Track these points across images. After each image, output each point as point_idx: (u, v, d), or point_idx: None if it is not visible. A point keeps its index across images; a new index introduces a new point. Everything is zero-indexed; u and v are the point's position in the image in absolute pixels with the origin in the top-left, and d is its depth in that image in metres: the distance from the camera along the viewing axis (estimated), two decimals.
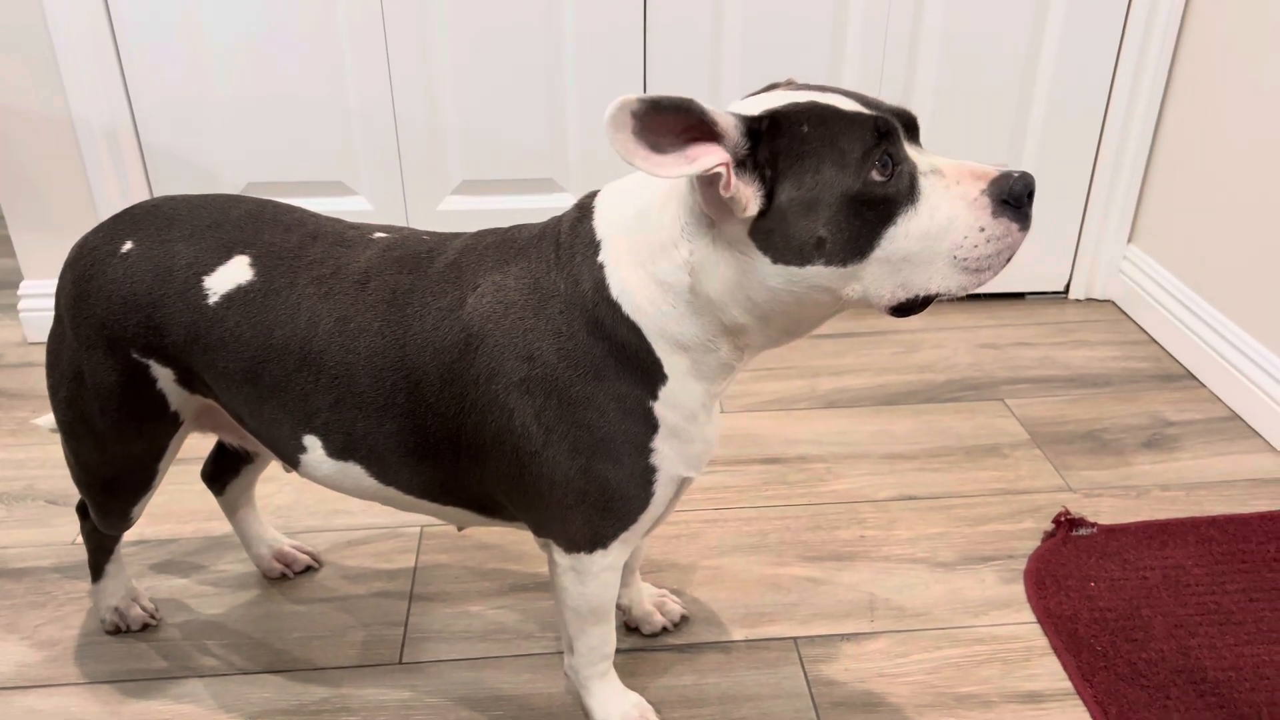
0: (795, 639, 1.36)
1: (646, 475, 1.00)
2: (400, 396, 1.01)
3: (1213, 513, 1.59)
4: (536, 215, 1.17)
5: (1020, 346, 2.10)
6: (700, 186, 0.87)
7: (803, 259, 0.86)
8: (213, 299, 1.05)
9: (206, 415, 1.19)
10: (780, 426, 1.83)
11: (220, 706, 1.26)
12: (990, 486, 1.66)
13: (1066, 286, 2.30)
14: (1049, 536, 1.54)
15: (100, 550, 1.32)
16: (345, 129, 2.02)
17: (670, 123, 0.81)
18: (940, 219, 0.86)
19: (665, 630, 1.37)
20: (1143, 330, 2.16)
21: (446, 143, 2.04)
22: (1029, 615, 1.40)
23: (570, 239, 0.97)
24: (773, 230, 0.86)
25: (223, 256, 1.06)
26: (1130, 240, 2.23)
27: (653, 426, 0.98)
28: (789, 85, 0.94)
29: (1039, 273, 2.28)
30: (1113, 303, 2.28)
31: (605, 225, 0.96)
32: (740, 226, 0.88)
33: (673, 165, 0.81)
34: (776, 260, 0.87)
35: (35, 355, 2.06)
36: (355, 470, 1.06)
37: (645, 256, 0.93)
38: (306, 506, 1.61)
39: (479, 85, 2.00)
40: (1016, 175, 0.86)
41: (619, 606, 1.35)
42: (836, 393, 1.94)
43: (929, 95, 2.07)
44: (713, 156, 0.82)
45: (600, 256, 0.95)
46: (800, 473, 1.70)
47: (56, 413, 1.18)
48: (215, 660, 1.33)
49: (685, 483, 1.06)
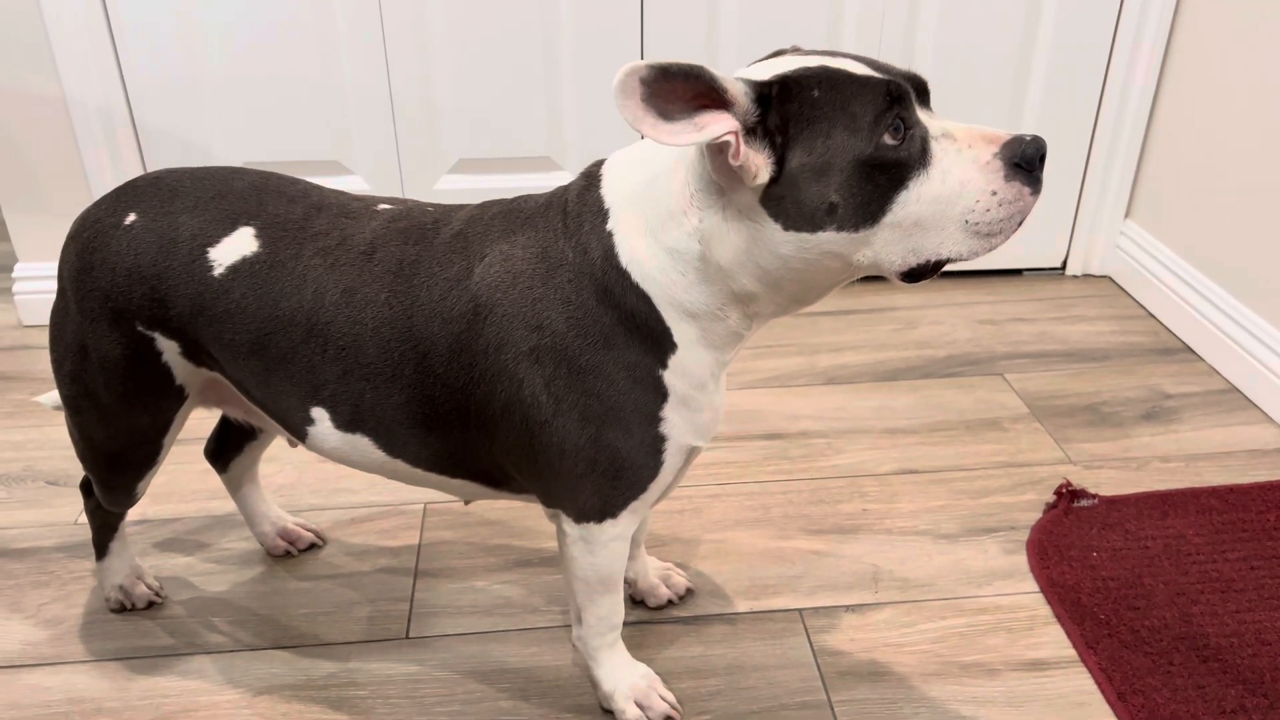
0: (800, 610, 1.37)
1: (656, 444, 1.00)
2: (408, 368, 1.01)
3: (1212, 483, 1.60)
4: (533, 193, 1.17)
5: (1018, 322, 2.11)
6: (710, 154, 0.87)
7: (814, 225, 0.86)
8: (218, 270, 1.04)
9: (212, 389, 1.19)
10: (780, 402, 1.83)
11: (228, 682, 1.26)
12: (991, 460, 1.67)
13: (1064, 262, 2.31)
14: (1050, 508, 1.55)
15: (105, 528, 1.32)
16: (341, 108, 2.00)
17: (679, 90, 0.81)
18: (952, 183, 0.86)
19: (671, 603, 1.37)
20: (1140, 305, 2.17)
21: (442, 121, 2.03)
22: (1032, 585, 1.40)
23: (578, 207, 0.97)
24: (784, 197, 0.86)
25: (227, 228, 1.05)
26: (1128, 216, 2.24)
27: (662, 395, 0.98)
28: (795, 51, 0.94)
29: (1036, 249, 2.28)
30: (1110, 278, 2.28)
31: (613, 193, 0.95)
32: (751, 194, 0.87)
33: (682, 133, 0.81)
34: (788, 227, 0.87)
35: (31, 338, 2.05)
36: (363, 442, 1.06)
37: (654, 225, 0.93)
38: (309, 485, 1.61)
39: (475, 63, 1.98)
40: (1029, 139, 0.86)
41: (625, 579, 1.35)
42: (836, 369, 1.94)
43: (926, 61, 2.06)
44: (722, 124, 0.82)
45: (609, 225, 0.94)
46: (801, 448, 1.70)
47: (60, 387, 1.17)
48: (222, 637, 1.33)
49: (694, 452, 1.06)
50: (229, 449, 1.39)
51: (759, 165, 0.84)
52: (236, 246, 1.04)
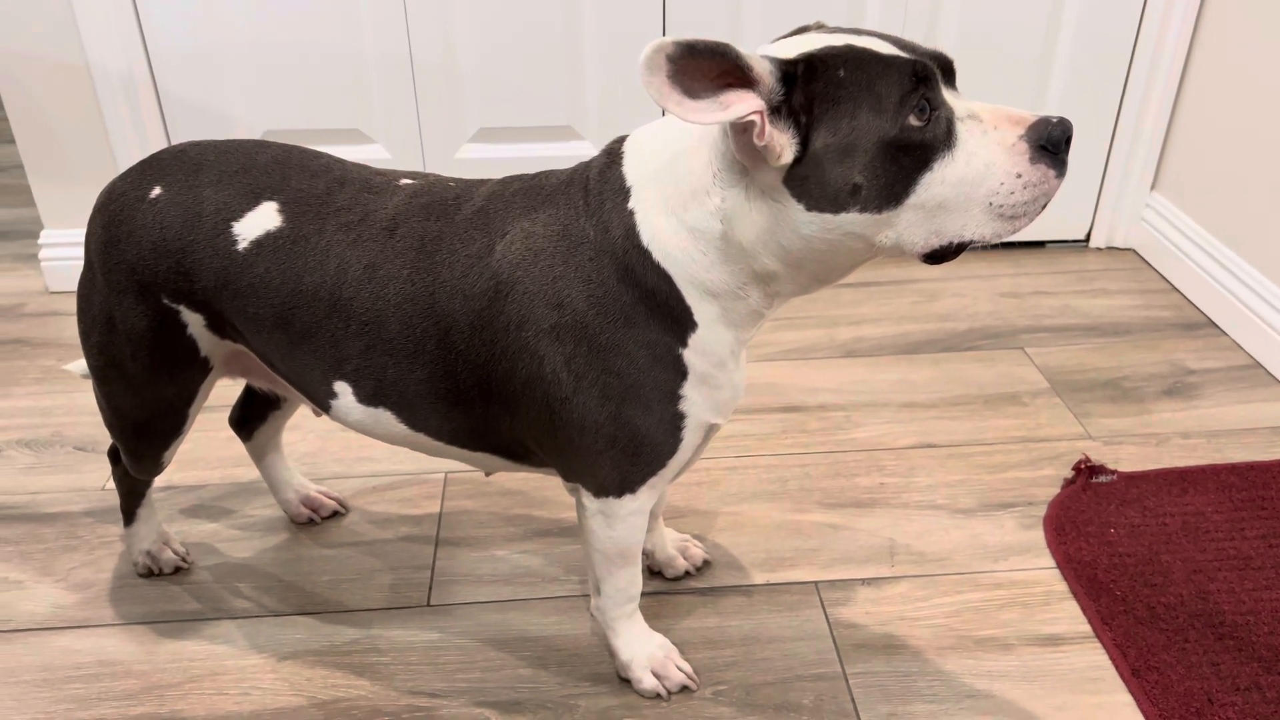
0: (816, 583, 1.38)
1: (675, 421, 1.00)
2: (430, 343, 1.01)
3: (1233, 460, 1.60)
4: (554, 163, 1.17)
5: (1041, 295, 2.10)
6: (734, 133, 0.87)
7: (837, 206, 0.86)
8: (242, 245, 1.05)
9: (236, 360, 1.20)
10: (799, 375, 1.84)
11: (253, 647, 1.29)
12: (1010, 434, 1.67)
13: (1088, 235, 2.29)
14: (1069, 484, 1.55)
15: (132, 495, 1.34)
16: (362, 76, 2.00)
17: (705, 67, 0.80)
18: (977, 165, 0.85)
19: (688, 574, 1.39)
20: (1164, 279, 2.15)
21: (464, 90, 2.03)
22: (1048, 560, 1.41)
23: (599, 185, 0.97)
24: (807, 177, 0.86)
25: (251, 202, 1.06)
26: (1153, 188, 2.21)
27: (682, 373, 0.98)
28: (819, 28, 0.93)
29: (1060, 221, 2.26)
30: (1134, 251, 2.26)
31: (635, 171, 0.95)
32: (774, 174, 0.87)
33: (706, 111, 0.81)
34: (811, 207, 0.87)
35: (58, 304, 2.07)
36: (386, 416, 1.07)
37: (676, 204, 0.93)
38: (332, 453, 1.63)
39: (496, 31, 1.97)
40: (1055, 121, 0.85)
41: (643, 551, 1.37)
42: (855, 341, 1.94)
43: (952, 36, 2.04)
44: (747, 104, 0.81)
45: (630, 203, 0.95)
46: (820, 421, 1.71)
47: (88, 358, 1.19)
48: (247, 602, 1.35)
49: (713, 429, 1.07)
50: (253, 418, 1.41)
51: (783, 145, 0.84)
52: (260, 221, 1.05)
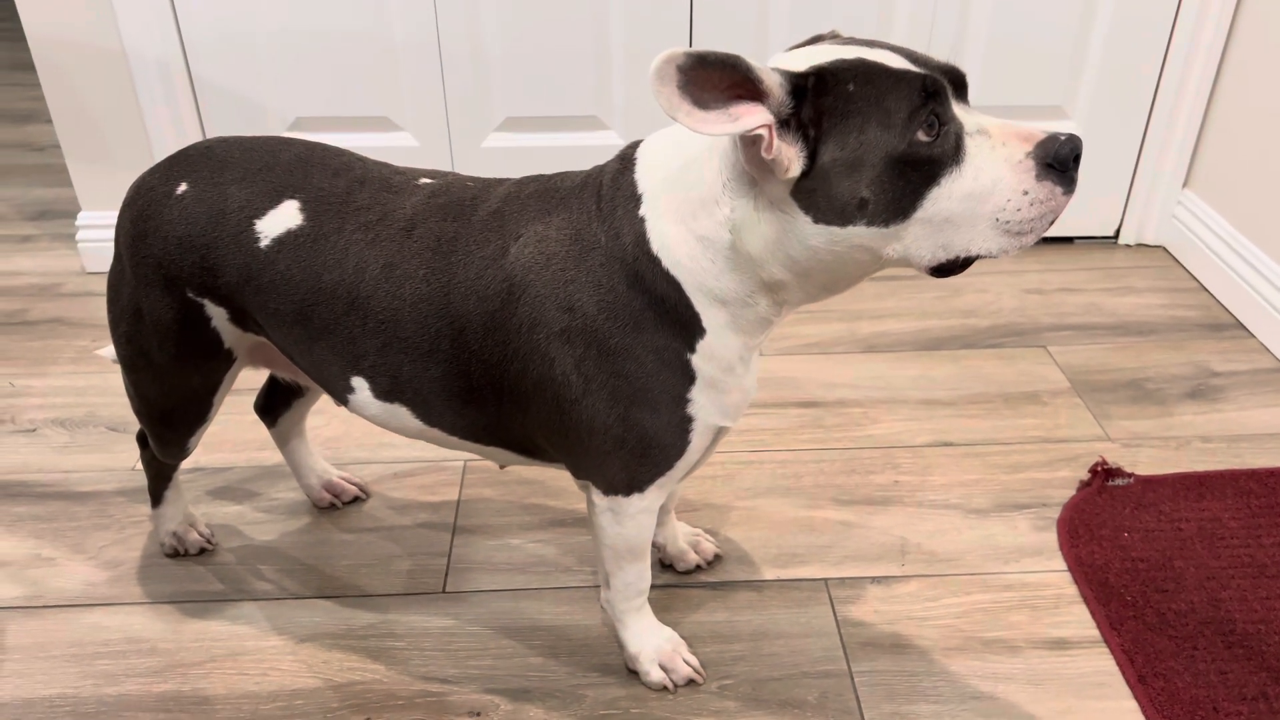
0: (826, 580, 1.39)
1: (683, 424, 1.02)
2: (444, 343, 1.03)
3: (1254, 465, 1.59)
4: (581, 153, 1.18)
5: (1066, 292, 2.08)
6: (743, 145, 0.87)
7: (844, 219, 0.87)
8: (264, 242, 1.07)
9: (259, 352, 1.23)
10: (819, 370, 1.84)
11: (274, 629, 1.32)
12: (1028, 434, 1.67)
13: (1117, 231, 2.26)
14: (1084, 486, 1.55)
15: (159, 478, 1.38)
16: (392, 65, 2.02)
17: (715, 79, 0.81)
18: (984, 181, 0.85)
19: (699, 568, 1.40)
20: (1193, 277, 2.12)
21: (491, 79, 2.04)
22: (1060, 563, 1.41)
23: (612, 191, 0.98)
24: (815, 190, 0.87)
25: (273, 200, 1.08)
26: (1185, 185, 2.18)
27: (690, 378, 1.00)
28: (834, 38, 0.94)
29: (1089, 216, 2.24)
30: (1164, 249, 2.24)
31: (647, 178, 0.96)
32: (782, 186, 0.88)
33: (716, 123, 0.81)
34: (818, 220, 0.88)
35: (94, 285, 2.12)
36: (401, 412, 1.10)
37: (686, 212, 0.94)
38: (355, 439, 1.66)
39: (524, 21, 1.98)
40: (1064, 138, 0.85)
41: (655, 544, 1.39)
42: (877, 336, 1.94)
43: (983, 26, 2.02)
44: (756, 117, 0.82)
45: (641, 210, 0.96)
46: (837, 416, 1.72)
47: (117, 347, 1.22)
48: (269, 585, 1.39)
49: (722, 431, 1.08)
50: (277, 405, 1.44)
51: (791, 158, 0.85)
52: (282, 219, 1.07)
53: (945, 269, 0.89)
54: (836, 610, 1.34)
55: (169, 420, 1.26)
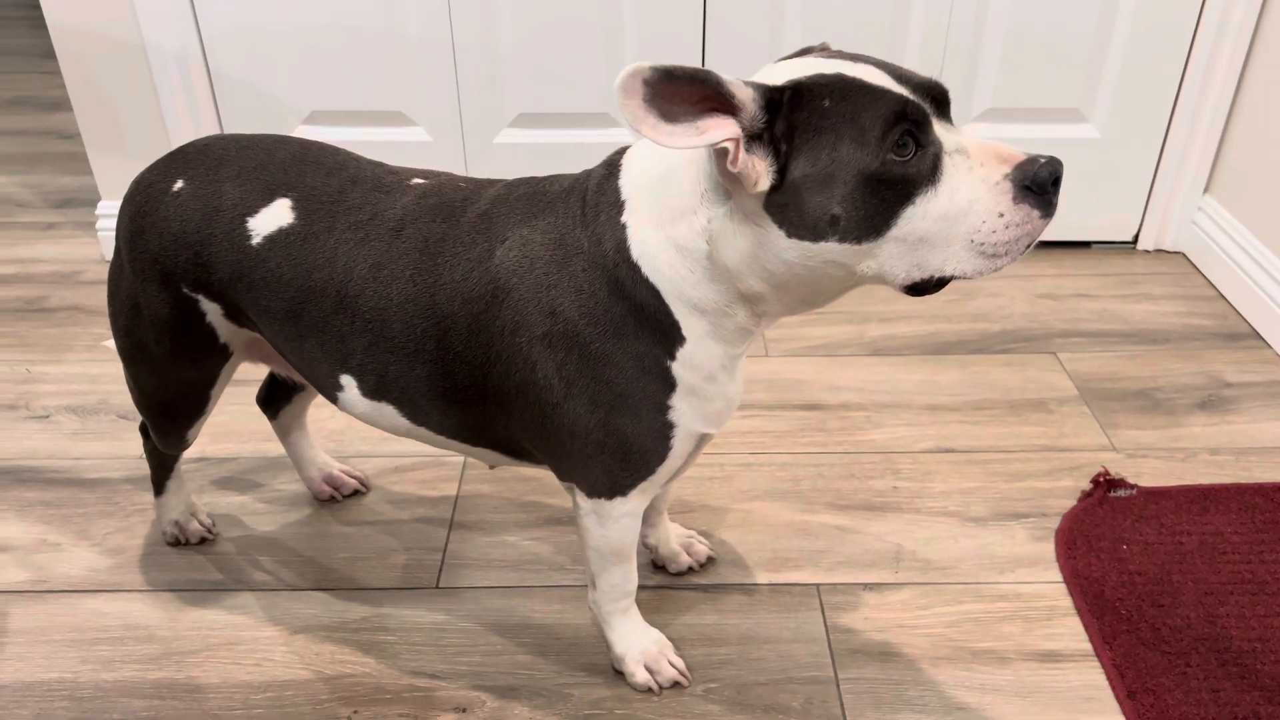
0: (818, 585, 1.39)
1: (664, 431, 1.02)
2: (430, 343, 1.04)
3: (1260, 479, 1.56)
4: (593, 149, 1.18)
5: (1080, 298, 2.06)
6: (716, 156, 0.87)
7: (816, 235, 0.86)
8: (256, 240, 1.09)
9: (255, 347, 1.25)
10: (824, 372, 1.84)
11: (269, 619, 1.34)
12: (1031, 443, 1.65)
13: (1135, 236, 2.23)
14: (1085, 496, 1.53)
15: (161, 468, 1.41)
16: (405, 60, 2.03)
17: (686, 92, 0.81)
18: (960, 201, 0.85)
19: (691, 570, 1.41)
20: (1211, 285, 2.09)
21: (504, 75, 2.05)
22: (1055, 575, 1.40)
23: (596, 196, 0.98)
24: (787, 204, 0.86)
25: (266, 198, 1.10)
26: (1206, 191, 2.15)
27: (670, 385, 1.00)
28: (822, 51, 0.93)
29: (1108, 221, 2.21)
30: (1183, 255, 2.20)
31: (630, 185, 0.97)
32: (754, 199, 0.88)
33: (681, 136, 0.81)
34: (791, 234, 0.88)
35: None
36: (388, 410, 1.11)
37: (665, 220, 0.94)
38: (359, 431, 1.68)
39: (537, 17, 1.99)
40: (1043, 161, 0.84)
41: (647, 545, 1.39)
42: (884, 339, 1.93)
43: (1000, 26, 1.99)
44: (723, 130, 0.82)
45: (623, 216, 0.96)
46: (839, 420, 1.71)
47: (117, 339, 1.25)
48: (266, 575, 1.41)
49: (705, 437, 1.08)
50: (279, 398, 1.46)
51: (759, 173, 0.85)
52: (274, 217, 1.09)
53: (920, 288, 0.89)
54: (827, 616, 1.34)
55: (167, 412, 1.28)
